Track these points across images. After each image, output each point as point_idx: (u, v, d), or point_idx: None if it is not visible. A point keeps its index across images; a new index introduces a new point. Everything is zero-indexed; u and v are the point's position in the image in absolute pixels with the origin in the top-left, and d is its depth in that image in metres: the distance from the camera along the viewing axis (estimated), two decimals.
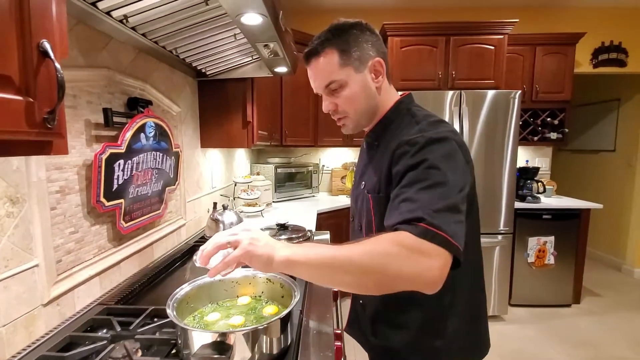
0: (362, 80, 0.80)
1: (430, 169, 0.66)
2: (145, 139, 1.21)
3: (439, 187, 0.64)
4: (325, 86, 0.81)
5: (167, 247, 1.52)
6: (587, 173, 4.41)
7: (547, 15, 3.35)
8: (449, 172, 0.66)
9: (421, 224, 0.59)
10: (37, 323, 0.84)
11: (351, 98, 0.81)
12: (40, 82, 0.47)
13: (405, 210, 0.63)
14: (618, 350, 2.40)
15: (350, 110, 0.83)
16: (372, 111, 0.85)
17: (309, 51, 0.81)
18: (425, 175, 0.66)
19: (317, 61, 0.80)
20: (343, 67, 0.78)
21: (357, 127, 0.87)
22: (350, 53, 0.78)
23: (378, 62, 0.81)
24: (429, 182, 0.64)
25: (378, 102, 0.84)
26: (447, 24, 2.81)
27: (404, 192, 0.66)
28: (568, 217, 2.84)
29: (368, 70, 0.80)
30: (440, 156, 0.68)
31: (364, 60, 0.79)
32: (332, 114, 0.86)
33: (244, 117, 1.89)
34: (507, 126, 2.58)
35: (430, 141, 0.70)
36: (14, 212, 0.78)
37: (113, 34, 1.10)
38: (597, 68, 3.40)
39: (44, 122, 0.48)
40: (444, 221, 0.60)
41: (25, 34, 0.45)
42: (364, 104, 0.82)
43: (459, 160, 0.70)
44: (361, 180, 0.91)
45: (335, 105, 0.83)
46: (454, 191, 0.65)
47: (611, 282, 3.54)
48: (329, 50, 0.78)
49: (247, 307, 0.88)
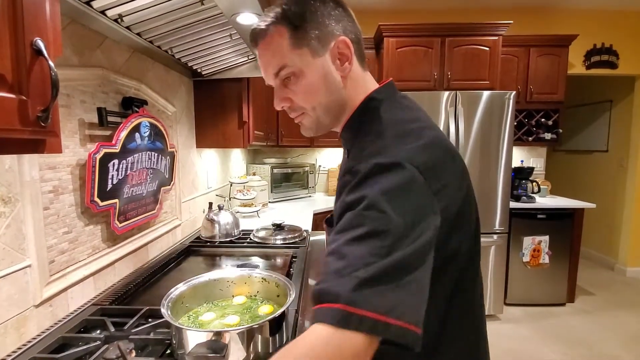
0: (321, 66, 0.61)
1: (367, 211, 0.47)
2: (140, 139, 1.20)
3: (376, 237, 0.45)
4: (275, 74, 0.63)
5: (162, 247, 1.51)
6: (580, 173, 4.46)
7: (540, 18, 3.39)
8: (395, 216, 0.46)
9: (337, 306, 0.41)
10: (28, 324, 0.83)
11: (308, 90, 0.62)
12: (33, 80, 0.47)
13: (327, 272, 0.45)
14: (611, 348, 2.42)
15: (307, 106, 0.64)
16: (338, 107, 0.65)
17: (253, 31, 0.63)
18: (359, 220, 0.47)
19: (264, 43, 0.62)
20: (295, 50, 0.60)
21: (318, 128, 0.68)
22: (306, 31, 0.59)
23: (343, 42, 0.61)
24: (363, 229, 0.46)
25: (345, 95, 0.64)
26: (442, 25, 2.83)
27: (334, 240, 0.48)
28: (562, 216, 2.87)
29: (330, 53, 0.61)
30: (385, 191, 0.48)
31: (324, 41, 0.60)
32: (288, 112, 0.67)
33: (239, 117, 1.89)
34: (502, 126, 2.60)
35: (374, 170, 0.50)
36: (5, 211, 0.77)
37: (107, 33, 1.09)
38: (590, 69, 3.45)
39: (38, 121, 0.48)
40: (375, 293, 0.42)
41: (19, 32, 0.45)
42: (324, 97, 0.63)
43: (415, 195, 0.49)
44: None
45: (290, 100, 0.65)
46: (400, 241, 0.45)
47: (604, 281, 3.58)
48: (278, 28, 0.60)
49: (242, 306, 0.88)
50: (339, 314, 0.41)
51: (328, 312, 0.42)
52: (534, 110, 3.20)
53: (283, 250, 1.52)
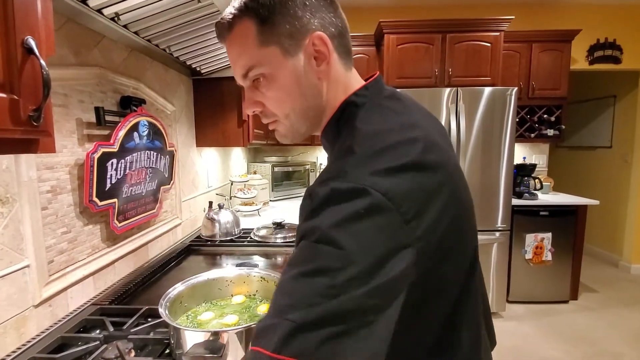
0: (294, 67, 0.52)
1: (320, 244, 0.40)
2: (138, 138, 1.20)
3: (325, 275, 0.38)
4: (242, 76, 0.55)
5: (162, 246, 1.51)
6: (583, 169, 4.42)
7: (542, 12, 3.36)
8: (352, 249, 0.38)
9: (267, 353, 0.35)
10: (28, 324, 0.83)
11: (280, 95, 0.54)
12: (24, 79, 0.46)
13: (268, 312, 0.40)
14: (615, 346, 2.41)
15: (279, 113, 0.56)
16: (314, 113, 0.56)
17: (217, 24, 0.55)
18: (310, 254, 0.40)
19: (230, 38, 0.54)
20: (264, 47, 0.51)
21: (294, 136, 0.59)
22: (275, 25, 0.50)
23: (318, 38, 0.51)
24: (312, 265, 0.39)
25: (323, 100, 0.55)
26: (443, 21, 2.81)
27: (285, 271, 0.42)
28: (565, 213, 2.84)
29: (304, 52, 0.52)
30: (342, 222, 0.40)
31: (297, 37, 0.51)
32: (261, 117, 0.59)
33: (239, 116, 1.88)
34: (503, 123, 2.58)
35: (332, 196, 0.42)
36: (3, 212, 0.77)
37: (104, 32, 1.09)
38: (593, 65, 3.41)
39: (30, 120, 0.47)
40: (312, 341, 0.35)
41: (9, 30, 0.44)
42: (299, 103, 0.55)
43: (378, 227, 0.40)
44: None
45: (261, 104, 0.56)
46: (354, 282, 0.37)
47: (608, 278, 3.55)
48: (243, 21, 0.51)
49: (241, 306, 0.88)
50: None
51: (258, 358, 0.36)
52: (536, 106, 3.18)
53: (284, 249, 1.52)
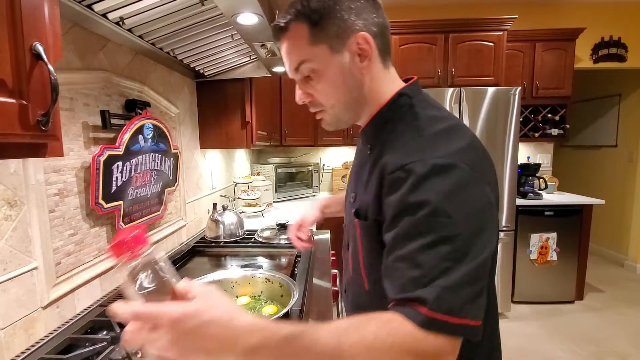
0: (340, 63, 0.60)
1: (433, 218, 0.48)
2: (143, 141, 1.21)
3: (447, 244, 0.46)
4: (295, 70, 0.64)
5: (167, 248, 1.52)
6: (588, 169, 4.39)
7: (546, 11, 3.34)
8: (461, 218, 0.47)
9: (422, 310, 0.44)
10: (36, 325, 0.84)
11: (327, 88, 0.62)
12: (33, 84, 0.47)
13: (403, 280, 0.48)
14: (621, 346, 2.39)
15: (326, 103, 0.64)
16: (358, 104, 0.65)
17: (274, 27, 0.63)
18: (427, 227, 0.48)
19: (285, 39, 0.62)
20: (314, 46, 0.59)
21: (338, 124, 0.68)
22: (324, 27, 0.58)
23: (362, 37, 0.59)
24: (432, 237, 0.47)
25: (365, 93, 0.63)
26: (446, 21, 2.81)
27: (400, 245, 0.50)
28: (570, 213, 2.83)
29: (349, 50, 0.60)
30: (447, 195, 0.48)
31: (343, 37, 0.59)
32: (309, 107, 0.68)
33: (242, 118, 1.89)
34: (507, 123, 2.57)
35: (432, 171, 0.50)
36: (12, 215, 0.78)
37: (110, 36, 1.10)
38: (598, 63, 3.39)
39: (38, 125, 0.48)
40: (456, 300, 0.44)
41: (18, 36, 0.45)
42: (343, 95, 0.63)
43: (475, 195, 0.50)
44: (351, 189, 0.73)
45: (310, 95, 0.65)
46: (470, 248, 0.47)
47: (614, 278, 3.52)
48: (297, 24, 0.60)
49: (246, 307, 0.88)
50: (424, 318, 0.44)
51: (413, 314, 0.44)
52: (540, 105, 3.16)
53: (287, 250, 1.52)
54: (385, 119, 0.64)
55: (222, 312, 0.41)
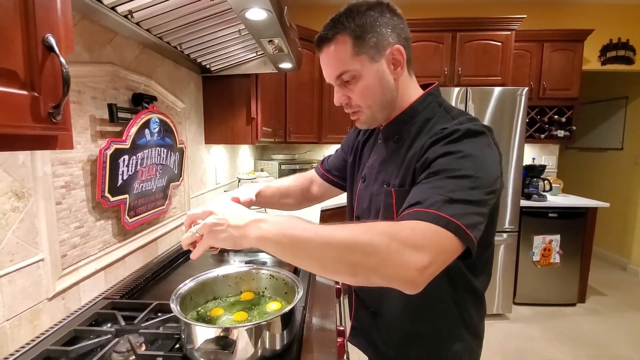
0: (377, 70, 0.71)
1: (462, 159, 0.61)
2: (149, 135, 1.21)
3: (467, 178, 0.59)
4: (337, 77, 0.74)
5: (171, 242, 1.53)
6: (594, 171, 4.37)
7: (555, 12, 3.31)
8: (482, 166, 0.61)
9: (431, 210, 0.54)
10: (41, 317, 0.84)
11: (365, 91, 0.73)
12: (45, 76, 0.47)
13: (422, 194, 0.58)
14: (622, 350, 2.38)
15: (363, 105, 0.75)
16: (390, 105, 0.76)
17: (320, 37, 0.73)
18: (455, 165, 0.60)
19: (328, 49, 0.72)
20: (356, 56, 0.70)
21: (373, 122, 0.79)
22: (365, 40, 0.69)
23: (397, 50, 0.71)
24: (458, 172, 0.59)
25: (397, 95, 0.75)
26: (453, 19, 2.79)
27: (429, 178, 0.62)
28: (574, 215, 2.81)
29: (385, 59, 0.71)
30: (476, 149, 0.63)
31: (381, 48, 0.70)
32: (345, 108, 0.79)
33: (248, 114, 1.89)
34: (513, 124, 2.55)
35: (468, 133, 0.64)
36: (19, 206, 0.78)
37: (118, 30, 1.10)
38: (605, 65, 3.36)
39: (49, 117, 0.48)
40: (461, 210, 0.55)
41: (30, 28, 0.45)
42: (379, 97, 0.74)
43: (494, 158, 0.65)
44: (378, 177, 0.82)
45: (348, 98, 0.75)
46: (482, 187, 0.59)
47: (616, 282, 3.51)
48: (341, 37, 0.70)
49: (250, 303, 0.88)
50: (433, 215, 0.54)
51: (423, 214, 0.55)
52: (546, 106, 3.14)
53: None
54: (416, 112, 0.77)
55: (231, 213, 0.63)
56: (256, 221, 0.59)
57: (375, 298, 0.87)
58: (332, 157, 1.10)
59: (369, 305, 0.90)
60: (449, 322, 0.79)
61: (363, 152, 0.93)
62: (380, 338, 0.87)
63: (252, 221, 0.59)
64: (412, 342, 0.81)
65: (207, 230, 0.62)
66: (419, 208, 0.56)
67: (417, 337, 0.81)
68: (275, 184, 1.10)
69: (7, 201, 0.76)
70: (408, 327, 0.81)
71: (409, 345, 0.82)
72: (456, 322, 0.79)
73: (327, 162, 1.10)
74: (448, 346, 0.80)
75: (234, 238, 0.60)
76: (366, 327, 0.92)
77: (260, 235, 0.57)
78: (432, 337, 0.80)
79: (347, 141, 1.04)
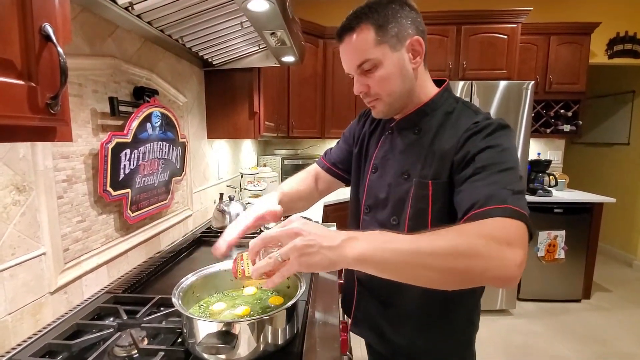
0: (398, 59, 0.74)
1: (502, 153, 0.67)
2: (151, 129, 1.20)
3: (513, 171, 0.65)
4: (358, 66, 0.75)
5: (173, 237, 1.53)
6: (600, 166, 4.32)
7: (561, 4, 3.26)
8: (516, 158, 0.68)
9: (506, 206, 0.58)
10: (44, 311, 0.84)
11: (385, 79, 0.75)
12: (42, 66, 0.46)
13: (487, 191, 0.62)
14: (627, 346, 2.36)
15: (383, 93, 0.77)
16: (407, 95, 0.79)
17: (343, 26, 0.75)
18: (501, 159, 0.66)
19: (351, 38, 0.74)
20: (378, 45, 0.72)
21: (390, 111, 0.81)
22: (387, 29, 0.72)
23: (417, 40, 0.74)
24: (505, 165, 0.65)
25: (414, 85, 0.78)
26: (458, 12, 2.75)
27: (479, 173, 0.65)
28: (580, 211, 2.79)
29: (405, 49, 0.74)
30: (508, 142, 0.69)
31: (401, 38, 0.73)
32: (362, 97, 0.81)
33: (250, 108, 1.88)
34: (519, 118, 2.52)
35: (501, 127, 0.71)
36: (20, 200, 0.78)
37: (118, 22, 1.08)
38: (612, 59, 3.31)
39: (47, 108, 0.47)
40: (523, 201, 0.60)
41: (27, 17, 0.44)
42: (399, 86, 0.76)
43: (515, 148, 0.72)
44: (394, 168, 0.83)
45: (367, 87, 0.77)
46: (521, 176, 0.66)
47: (622, 278, 3.49)
48: (364, 26, 0.72)
49: (252, 297, 0.88)
50: (511, 210, 0.58)
51: (501, 210, 0.58)
52: (552, 101, 3.10)
53: None
54: (436, 105, 0.81)
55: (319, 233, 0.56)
56: (349, 239, 0.54)
57: (389, 289, 0.87)
58: (335, 150, 1.08)
59: (378, 295, 0.90)
60: (464, 310, 0.83)
61: (370, 143, 0.94)
62: (390, 328, 0.87)
63: (345, 240, 0.54)
64: (428, 331, 0.84)
65: (297, 253, 0.54)
66: (494, 205, 0.59)
67: (433, 327, 0.84)
68: (286, 189, 1.02)
69: (8, 195, 0.75)
70: (423, 318, 0.84)
71: (423, 334, 0.84)
72: (470, 309, 0.84)
73: (332, 156, 1.08)
74: (458, 337, 0.84)
75: (329, 260, 0.53)
76: (371, 317, 0.92)
77: (359, 254, 0.53)
78: (446, 327, 0.83)
79: (350, 133, 1.03)
